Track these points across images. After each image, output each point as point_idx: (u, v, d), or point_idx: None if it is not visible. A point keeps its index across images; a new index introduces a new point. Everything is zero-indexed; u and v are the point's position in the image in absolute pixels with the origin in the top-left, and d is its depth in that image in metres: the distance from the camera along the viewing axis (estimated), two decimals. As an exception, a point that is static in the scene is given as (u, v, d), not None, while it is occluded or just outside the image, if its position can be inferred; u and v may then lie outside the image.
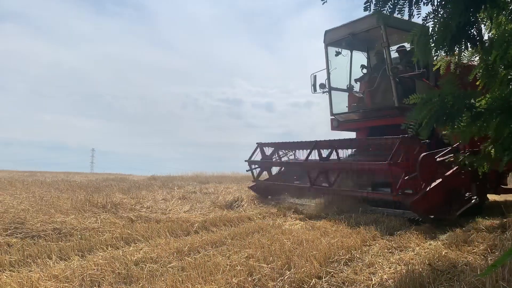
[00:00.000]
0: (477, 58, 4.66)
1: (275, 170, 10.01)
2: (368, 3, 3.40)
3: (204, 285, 3.62)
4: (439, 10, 3.53)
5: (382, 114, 9.14)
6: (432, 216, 6.58)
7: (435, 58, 4.65)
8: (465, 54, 4.41)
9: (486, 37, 3.82)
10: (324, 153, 8.30)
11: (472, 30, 3.47)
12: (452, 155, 7.09)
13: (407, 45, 9.44)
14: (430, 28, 3.69)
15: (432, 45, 3.71)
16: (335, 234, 5.55)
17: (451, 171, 6.96)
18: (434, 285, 3.64)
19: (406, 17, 3.55)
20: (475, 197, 7.05)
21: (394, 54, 9.53)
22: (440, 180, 6.76)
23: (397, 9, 3.41)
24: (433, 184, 6.68)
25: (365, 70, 10.08)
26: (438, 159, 7.02)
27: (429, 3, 3.56)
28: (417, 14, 3.52)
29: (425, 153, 6.76)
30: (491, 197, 10.02)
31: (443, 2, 3.44)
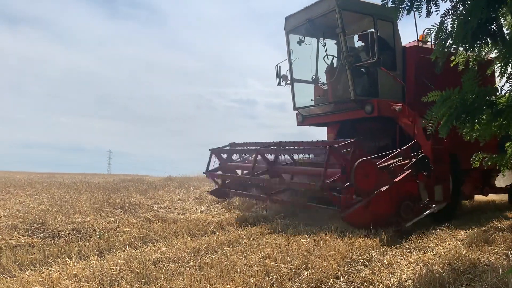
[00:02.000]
0: (493, 54, 4.57)
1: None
2: (386, 1, 3.36)
3: (222, 285, 3.63)
4: (458, 6, 3.47)
5: (344, 108, 8.40)
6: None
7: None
8: (483, 50, 4.32)
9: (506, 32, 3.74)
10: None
11: (492, 26, 3.40)
12: (400, 158, 6.43)
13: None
14: (449, 25, 3.63)
15: (451, 41, 3.65)
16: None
17: (401, 176, 6.20)
18: (455, 285, 3.59)
19: (423, 15, 3.50)
20: (434, 205, 6.32)
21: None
22: (386, 187, 5.99)
23: (414, 6, 3.37)
24: (376, 193, 5.94)
25: (329, 60, 8.94)
26: (382, 164, 6.24)
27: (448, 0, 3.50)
28: (435, 11, 3.47)
29: (361, 160, 6.04)
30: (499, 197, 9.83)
31: (462, -2, 3.39)
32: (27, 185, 10.49)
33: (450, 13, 3.56)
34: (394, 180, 6.10)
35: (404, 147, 6.62)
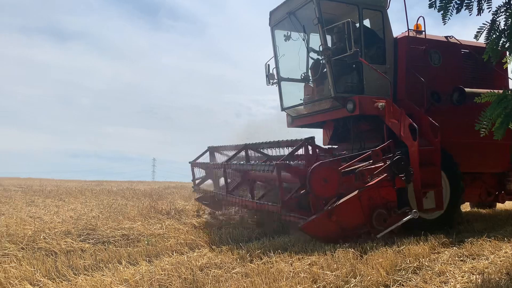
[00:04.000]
0: None
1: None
2: (433, 1, 3.26)
3: (269, 292, 3.61)
4: (512, 2, 3.31)
5: (329, 107, 7.68)
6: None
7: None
8: None
9: None
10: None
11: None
12: (371, 161, 5.86)
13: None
14: (502, 23, 3.47)
15: (504, 40, 3.49)
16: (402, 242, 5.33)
17: (374, 181, 5.64)
18: (515, 296, 3.40)
19: (474, 13, 3.36)
20: (414, 210, 5.59)
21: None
22: (355, 193, 5.47)
23: (464, 4, 3.25)
24: (342, 200, 5.42)
25: (315, 55, 8.25)
26: (346, 169, 5.70)
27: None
28: (487, 8, 3.33)
29: (318, 163, 5.54)
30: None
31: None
32: (77, 193, 10.92)
33: (503, 10, 3.40)
34: (366, 185, 5.54)
35: (374, 148, 6.00)
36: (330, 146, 8.60)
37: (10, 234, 5.41)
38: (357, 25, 7.32)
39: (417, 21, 7.77)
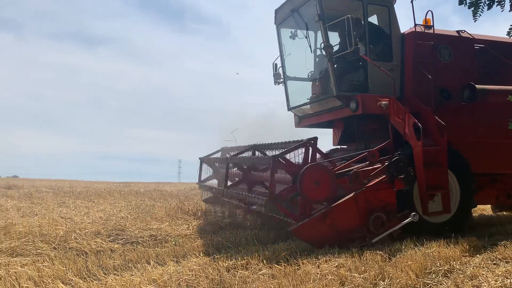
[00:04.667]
0: None
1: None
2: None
3: (296, 293, 3.59)
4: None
5: (334, 106, 7.44)
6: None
7: None
8: None
9: None
10: None
11: None
12: (368, 162, 5.61)
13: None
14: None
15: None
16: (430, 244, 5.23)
17: (372, 183, 5.40)
18: (552, 301, 3.28)
19: (506, 9, 3.26)
20: (413, 213, 5.30)
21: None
22: (351, 195, 5.25)
23: (496, 0, 3.16)
24: (337, 203, 5.22)
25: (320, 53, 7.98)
26: (340, 170, 5.48)
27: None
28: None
29: (309, 165, 5.38)
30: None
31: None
32: (106, 194, 11.17)
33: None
34: (363, 188, 5.31)
35: (371, 149, 5.77)
36: (339, 146, 8.43)
37: (43, 234, 5.58)
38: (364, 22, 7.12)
39: (425, 16, 7.39)
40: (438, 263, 4.39)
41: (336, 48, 7.24)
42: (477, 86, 6.73)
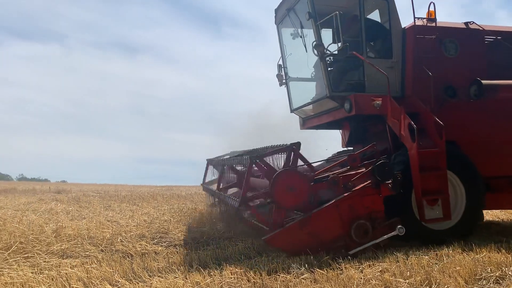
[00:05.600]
0: None
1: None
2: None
3: (339, 298, 3.54)
4: None
5: (332, 107, 7.10)
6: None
7: None
8: None
9: None
10: None
11: None
12: (348, 167, 5.29)
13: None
14: None
15: None
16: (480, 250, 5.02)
17: (357, 188, 5.08)
18: None
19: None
20: (399, 226, 4.95)
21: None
22: (332, 202, 4.95)
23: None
24: (317, 210, 4.93)
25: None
26: (319, 176, 5.19)
27: None
28: None
29: (283, 170, 5.09)
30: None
31: None
32: (149, 198, 11.47)
33: None
34: (345, 194, 5.00)
35: (352, 153, 5.52)
36: (346, 148, 8.14)
37: (91, 237, 5.80)
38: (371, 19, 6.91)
39: (428, 8, 6.90)
40: (489, 269, 4.21)
41: (334, 47, 6.95)
42: (484, 81, 6.25)
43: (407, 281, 3.87)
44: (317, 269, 4.44)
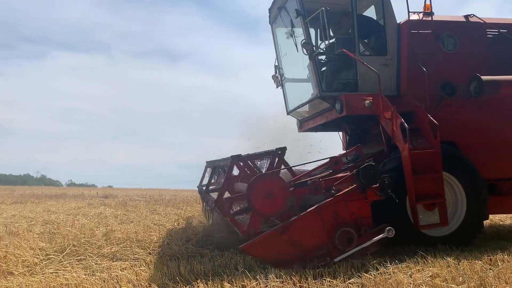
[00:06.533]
0: None
1: None
2: None
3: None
4: None
5: (326, 108, 6.75)
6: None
7: None
8: None
9: None
10: None
11: None
12: (330, 172, 4.98)
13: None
14: None
15: None
16: None
17: (341, 193, 4.79)
18: None
19: None
20: (388, 228, 4.67)
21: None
22: (312, 209, 4.65)
23: None
24: (297, 216, 4.67)
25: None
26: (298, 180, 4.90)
27: None
28: None
29: (259, 175, 4.87)
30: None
31: None
32: (193, 201, 11.67)
33: None
34: (328, 199, 4.71)
35: (335, 156, 5.21)
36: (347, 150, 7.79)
37: (139, 240, 5.96)
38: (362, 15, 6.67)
39: (425, 1, 6.50)
40: (549, 275, 3.98)
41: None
42: (485, 77, 5.85)
43: (460, 287, 3.74)
44: (364, 274, 4.36)
